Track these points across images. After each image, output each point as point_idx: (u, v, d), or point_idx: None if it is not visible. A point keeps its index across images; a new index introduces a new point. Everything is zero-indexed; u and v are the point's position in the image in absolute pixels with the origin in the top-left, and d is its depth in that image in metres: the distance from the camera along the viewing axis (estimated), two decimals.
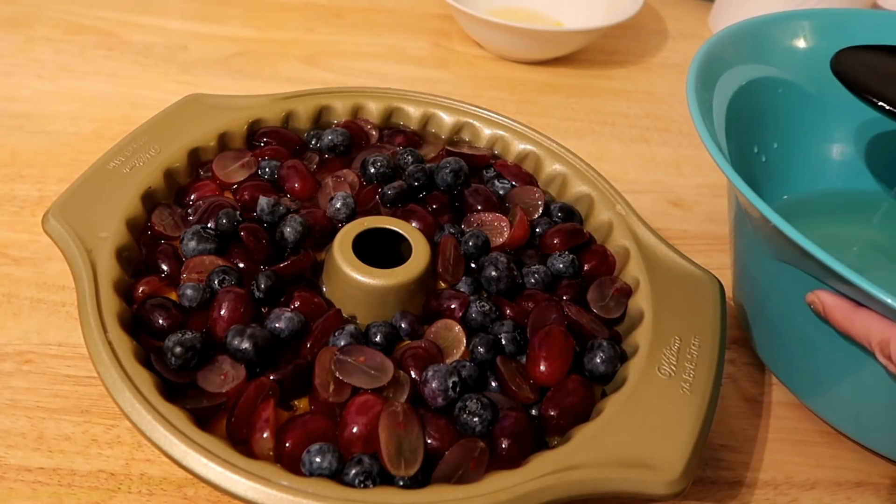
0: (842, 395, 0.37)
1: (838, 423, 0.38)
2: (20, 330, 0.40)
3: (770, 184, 0.45)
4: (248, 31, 0.67)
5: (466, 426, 0.31)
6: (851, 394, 0.36)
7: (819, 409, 0.39)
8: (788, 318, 0.37)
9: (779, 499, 0.37)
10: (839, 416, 0.38)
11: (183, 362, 0.31)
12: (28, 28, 0.64)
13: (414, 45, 0.69)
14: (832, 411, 0.38)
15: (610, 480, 0.29)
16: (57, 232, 0.35)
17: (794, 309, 0.35)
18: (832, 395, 0.37)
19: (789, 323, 0.37)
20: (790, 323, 0.37)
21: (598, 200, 0.42)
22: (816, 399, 0.39)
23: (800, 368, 0.38)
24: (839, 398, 0.37)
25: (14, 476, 0.34)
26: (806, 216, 0.45)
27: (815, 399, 0.39)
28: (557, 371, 0.33)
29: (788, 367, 0.39)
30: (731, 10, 0.73)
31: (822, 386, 0.37)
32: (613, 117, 0.62)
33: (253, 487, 0.27)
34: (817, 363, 0.37)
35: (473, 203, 0.41)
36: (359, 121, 0.47)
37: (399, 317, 0.35)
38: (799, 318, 0.35)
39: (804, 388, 0.39)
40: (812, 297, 0.33)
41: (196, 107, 0.44)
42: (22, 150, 0.51)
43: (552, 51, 0.67)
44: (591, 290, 0.38)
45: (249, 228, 0.37)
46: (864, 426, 0.37)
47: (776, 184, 0.46)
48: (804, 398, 0.39)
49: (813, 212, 0.46)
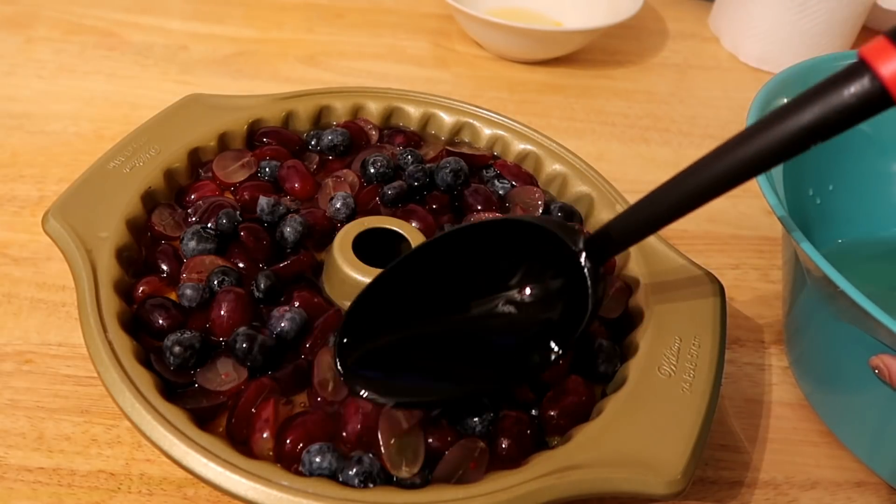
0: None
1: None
2: (20, 330, 0.40)
3: (824, 227, 0.44)
4: (248, 31, 0.67)
5: (466, 426, 0.31)
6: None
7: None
8: (855, 381, 0.35)
9: (779, 499, 0.37)
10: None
11: (182, 361, 0.31)
12: (28, 28, 0.64)
13: (414, 45, 0.69)
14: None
15: (610, 480, 0.29)
16: (57, 232, 0.35)
17: (858, 369, 0.33)
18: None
19: (855, 387, 0.35)
20: (856, 387, 0.35)
21: (598, 200, 0.42)
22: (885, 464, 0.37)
23: (863, 432, 0.37)
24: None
25: (14, 476, 0.34)
26: (862, 262, 0.44)
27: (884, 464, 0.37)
28: (557, 371, 0.33)
29: (853, 431, 0.38)
30: (732, 10, 0.73)
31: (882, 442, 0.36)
32: (613, 117, 0.62)
33: (253, 487, 0.27)
34: (883, 427, 0.35)
35: (473, 203, 0.41)
36: (359, 121, 0.47)
37: None
38: (864, 381, 0.33)
39: (868, 448, 0.37)
40: (876, 361, 0.31)
41: (196, 107, 0.44)
42: (22, 150, 0.51)
43: (552, 51, 0.67)
44: None
45: (249, 228, 0.37)
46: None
47: (830, 227, 0.45)
48: (870, 463, 0.37)
49: (869, 257, 0.45)
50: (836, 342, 0.36)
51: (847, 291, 0.29)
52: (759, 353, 0.44)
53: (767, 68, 0.70)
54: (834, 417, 0.39)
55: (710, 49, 0.74)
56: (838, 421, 0.38)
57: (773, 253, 0.50)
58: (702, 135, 0.61)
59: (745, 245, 0.51)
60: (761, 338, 0.45)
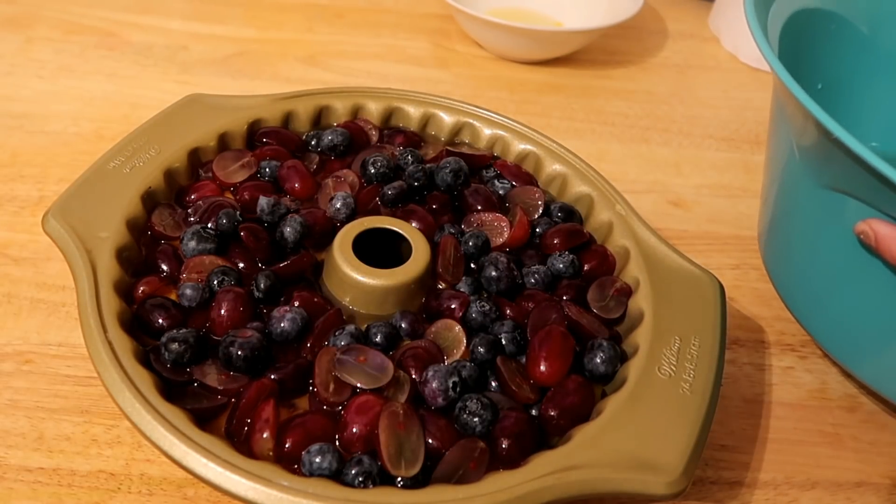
0: (881, 343, 0.34)
1: (869, 379, 0.37)
2: (20, 330, 0.40)
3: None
4: (248, 31, 0.67)
5: (466, 426, 0.31)
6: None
7: (848, 362, 0.37)
8: (828, 256, 0.34)
9: (779, 499, 0.37)
10: (877, 370, 0.36)
11: (176, 357, 0.31)
12: (28, 28, 0.64)
13: (414, 45, 0.69)
14: (867, 364, 0.36)
15: (610, 480, 0.29)
16: (57, 232, 0.35)
17: (836, 245, 0.32)
18: (866, 342, 0.35)
19: (830, 261, 0.34)
20: (831, 261, 0.34)
21: (598, 200, 0.42)
22: (846, 350, 0.36)
23: (828, 312, 0.36)
24: (876, 347, 0.35)
25: (14, 476, 0.34)
26: None
27: (845, 351, 0.36)
28: (557, 371, 0.33)
29: (817, 311, 0.37)
30: (731, 10, 0.73)
31: (852, 333, 0.35)
32: (613, 117, 0.62)
33: (253, 487, 0.27)
34: (854, 306, 0.34)
35: (473, 203, 0.41)
36: (359, 121, 0.47)
37: (399, 317, 0.35)
38: (840, 255, 0.32)
39: (831, 335, 0.37)
40: (863, 226, 0.30)
41: (196, 107, 0.44)
42: (22, 150, 0.51)
43: (552, 51, 0.67)
44: (591, 290, 0.38)
45: (249, 228, 0.37)
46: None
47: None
48: (830, 348, 0.37)
49: None
50: (818, 217, 0.35)
51: (840, 136, 0.28)
52: (759, 353, 0.44)
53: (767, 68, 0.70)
54: (808, 310, 0.38)
55: (710, 49, 0.74)
56: (812, 314, 0.38)
57: None
58: (702, 135, 0.61)
59: (745, 245, 0.51)
60: (761, 338, 0.45)
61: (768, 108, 0.41)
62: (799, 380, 0.42)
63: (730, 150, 0.60)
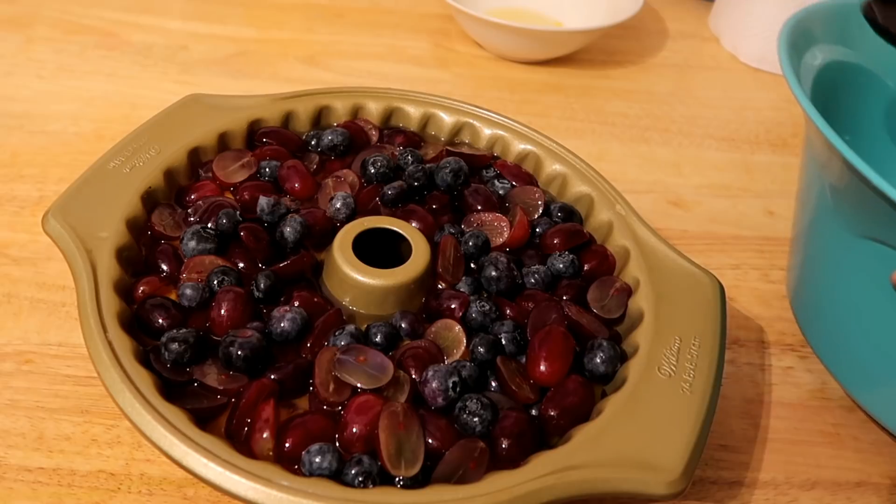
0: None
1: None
2: (20, 330, 0.40)
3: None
4: (248, 31, 0.67)
5: (466, 426, 0.31)
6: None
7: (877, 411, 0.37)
8: (864, 306, 0.34)
9: (779, 499, 0.37)
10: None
11: (176, 357, 0.31)
12: (28, 28, 0.64)
13: (414, 45, 0.69)
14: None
15: (610, 480, 0.29)
16: (57, 232, 0.35)
17: (872, 293, 0.32)
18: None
19: (863, 312, 0.34)
20: (864, 312, 0.34)
21: (598, 200, 0.42)
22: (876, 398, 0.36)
23: (862, 363, 0.36)
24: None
25: (14, 476, 0.34)
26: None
27: (875, 398, 0.36)
28: (557, 371, 0.33)
29: (849, 363, 0.37)
30: (731, 10, 0.73)
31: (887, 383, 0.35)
32: (613, 117, 0.62)
33: (253, 487, 0.27)
34: (888, 356, 0.34)
35: (473, 203, 0.41)
36: (359, 121, 0.47)
37: (399, 317, 0.35)
38: (876, 306, 0.32)
39: (864, 385, 0.37)
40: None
41: (196, 107, 0.44)
42: (22, 150, 0.51)
43: (552, 51, 0.67)
44: (591, 290, 0.38)
45: (249, 228, 0.37)
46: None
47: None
48: (861, 398, 0.37)
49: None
50: (847, 262, 0.35)
51: (875, 182, 0.28)
52: (759, 353, 0.44)
53: (767, 68, 0.70)
54: (832, 353, 0.38)
55: (710, 49, 0.74)
56: (836, 354, 0.38)
57: (774, 253, 0.50)
58: (702, 135, 0.61)
59: (745, 245, 0.51)
60: (761, 338, 0.45)
61: (768, 108, 0.41)
62: (799, 380, 0.42)
63: (730, 150, 0.60)
